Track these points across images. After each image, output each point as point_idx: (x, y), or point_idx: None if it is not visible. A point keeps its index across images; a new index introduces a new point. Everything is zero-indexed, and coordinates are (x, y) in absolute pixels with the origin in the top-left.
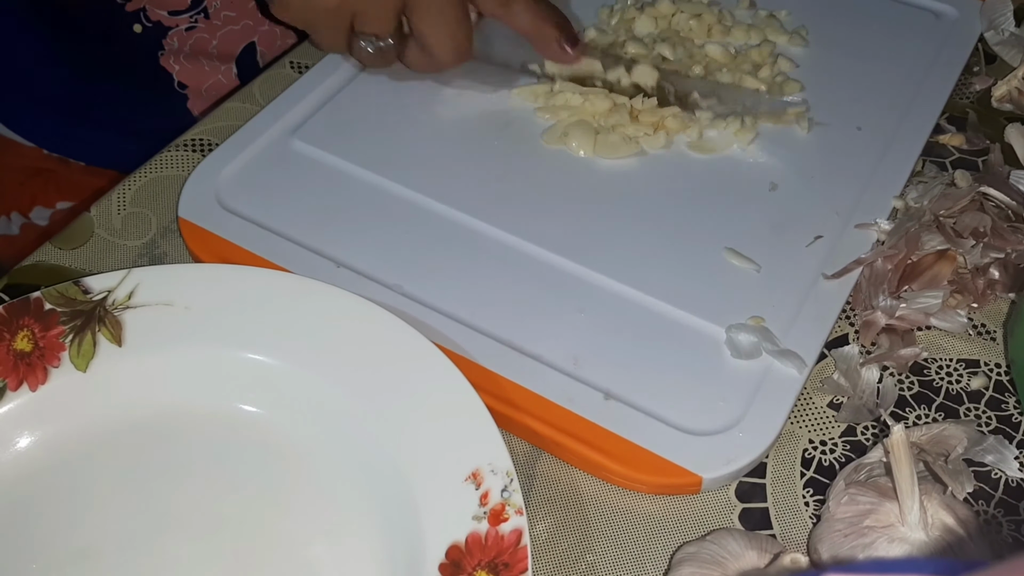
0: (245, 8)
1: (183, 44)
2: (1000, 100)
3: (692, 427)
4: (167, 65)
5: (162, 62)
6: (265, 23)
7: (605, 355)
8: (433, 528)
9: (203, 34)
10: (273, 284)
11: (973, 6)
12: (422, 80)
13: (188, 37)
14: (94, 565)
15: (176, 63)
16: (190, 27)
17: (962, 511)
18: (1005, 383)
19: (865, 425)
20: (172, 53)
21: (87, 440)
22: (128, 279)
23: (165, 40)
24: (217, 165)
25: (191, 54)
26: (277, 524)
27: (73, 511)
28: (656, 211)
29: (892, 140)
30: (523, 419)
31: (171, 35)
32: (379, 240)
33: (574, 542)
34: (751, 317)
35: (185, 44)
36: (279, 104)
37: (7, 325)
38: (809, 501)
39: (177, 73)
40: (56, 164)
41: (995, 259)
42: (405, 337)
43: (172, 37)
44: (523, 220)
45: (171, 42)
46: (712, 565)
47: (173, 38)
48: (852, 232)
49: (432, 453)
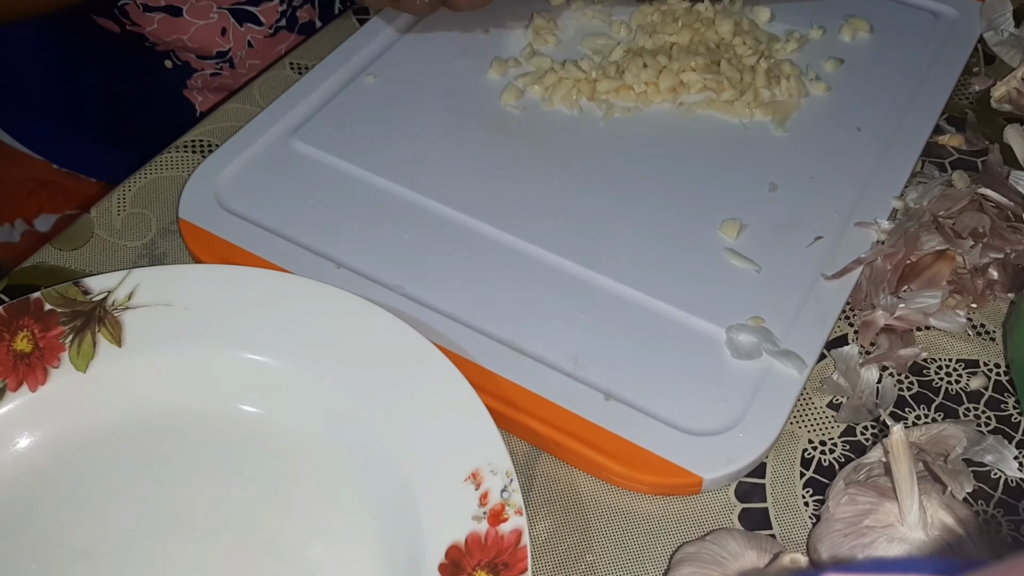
0: (270, 55)
1: (208, 84)
2: (999, 101)
3: (692, 427)
4: (190, 96)
5: (185, 93)
6: None
7: (605, 355)
8: (433, 528)
9: (227, 80)
10: (273, 284)
11: (973, 6)
12: (423, 80)
13: (213, 81)
14: (94, 565)
15: (200, 95)
16: (215, 73)
17: (961, 511)
18: (1004, 383)
19: (864, 425)
20: (196, 89)
21: (87, 440)
22: (128, 280)
23: (190, 80)
24: (217, 166)
25: (216, 89)
26: (277, 524)
27: (73, 511)
28: (656, 211)
29: (892, 140)
30: (523, 419)
31: (196, 76)
32: (379, 240)
33: (574, 542)
34: (751, 317)
35: (210, 85)
36: (279, 105)
37: (7, 326)
38: (809, 501)
39: (199, 104)
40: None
41: (994, 259)
42: (405, 337)
43: (197, 79)
44: (523, 220)
45: (195, 82)
46: (712, 565)
47: (198, 79)
48: (852, 233)
49: (432, 453)
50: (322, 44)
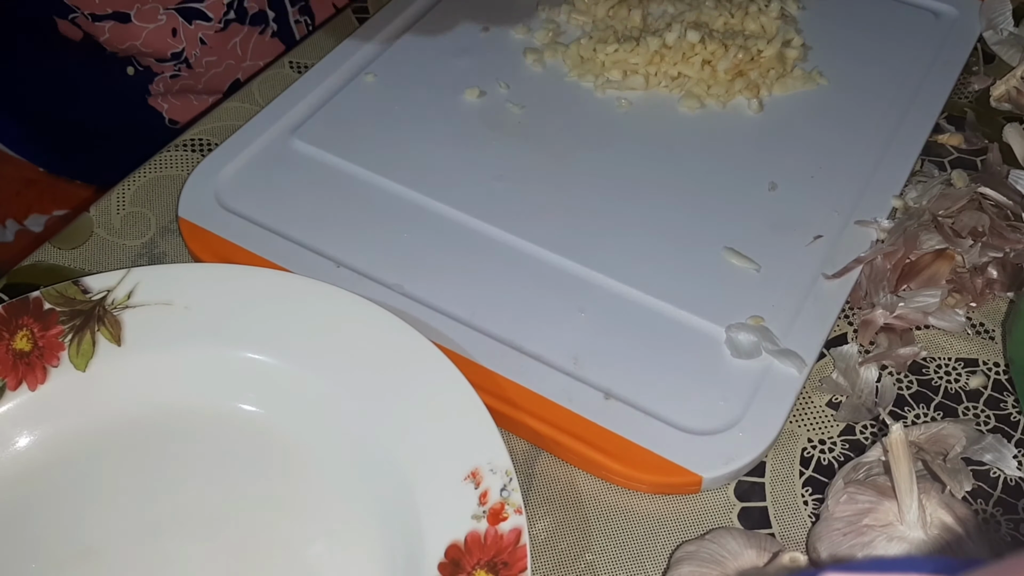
0: (225, 50)
1: (169, 88)
2: (999, 100)
3: (692, 427)
4: (156, 105)
5: (151, 102)
6: (247, 58)
7: (605, 355)
8: (432, 527)
9: (187, 81)
10: (273, 284)
11: (972, 6)
12: (422, 79)
13: (174, 84)
14: (94, 565)
15: (165, 102)
16: (174, 75)
17: (961, 510)
18: (1004, 382)
19: (864, 424)
20: (159, 95)
21: (87, 440)
22: (127, 279)
23: (152, 85)
24: (217, 165)
25: (179, 92)
26: (277, 524)
27: (73, 511)
28: (656, 211)
29: (892, 139)
30: (523, 419)
31: (158, 81)
32: (379, 240)
33: (573, 541)
34: (751, 317)
35: (172, 88)
36: (279, 104)
37: (6, 325)
38: (808, 500)
39: (167, 111)
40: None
41: (993, 258)
42: (405, 337)
43: (159, 83)
44: (523, 219)
45: (157, 87)
46: (711, 564)
47: (159, 84)
48: (852, 232)
49: (432, 452)
50: (322, 43)
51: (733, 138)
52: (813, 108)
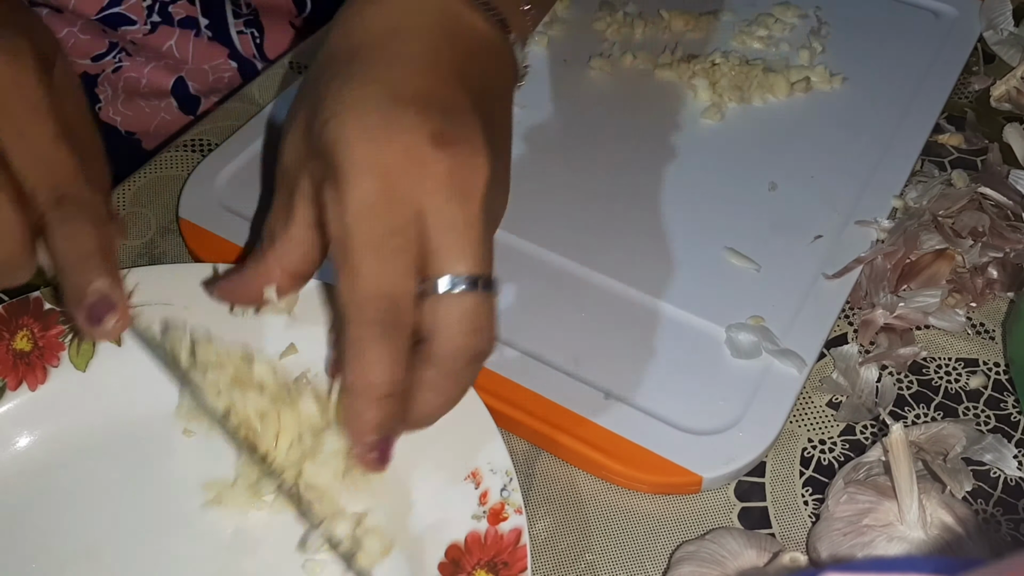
0: (159, 52)
1: (115, 88)
2: (999, 100)
3: (692, 427)
4: (108, 119)
5: (102, 116)
6: (188, 62)
7: (605, 355)
8: (432, 527)
9: (131, 73)
10: None
11: (972, 6)
12: None
13: (117, 79)
14: (94, 565)
15: (116, 113)
16: (116, 68)
17: (961, 510)
18: (1004, 382)
19: (864, 424)
20: (108, 103)
21: (87, 440)
22: (127, 279)
23: (97, 89)
24: (217, 165)
25: (126, 98)
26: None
27: (73, 511)
28: (656, 211)
29: (892, 140)
30: (523, 419)
31: (101, 81)
32: None
33: (573, 541)
34: (751, 317)
35: (117, 87)
36: (279, 104)
37: (7, 324)
38: (808, 500)
39: (120, 123)
40: None
41: (993, 258)
42: None
43: (103, 83)
44: (523, 220)
45: (104, 89)
46: (711, 564)
47: (104, 84)
48: (852, 232)
49: (432, 452)
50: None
51: (733, 138)
52: (813, 108)
